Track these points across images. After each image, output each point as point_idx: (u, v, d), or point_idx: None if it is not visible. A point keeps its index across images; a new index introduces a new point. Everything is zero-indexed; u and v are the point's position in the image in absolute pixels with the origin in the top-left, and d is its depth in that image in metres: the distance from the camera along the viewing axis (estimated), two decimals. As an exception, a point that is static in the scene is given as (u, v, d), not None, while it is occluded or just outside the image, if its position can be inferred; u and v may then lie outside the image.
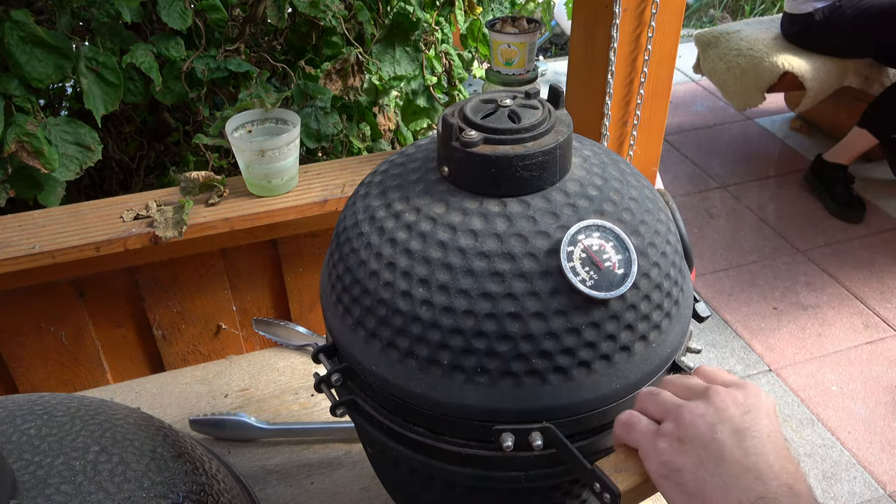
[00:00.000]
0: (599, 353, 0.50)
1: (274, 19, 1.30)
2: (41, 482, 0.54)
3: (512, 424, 0.49)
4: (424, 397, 0.51)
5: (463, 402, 0.50)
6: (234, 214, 1.06)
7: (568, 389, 0.49)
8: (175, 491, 0.60)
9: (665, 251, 0.54)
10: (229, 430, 0.93)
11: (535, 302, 0.48)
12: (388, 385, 0.52)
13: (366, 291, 0.53)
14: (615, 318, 0.50)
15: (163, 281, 1.12)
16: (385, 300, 0.51)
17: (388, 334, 0.52)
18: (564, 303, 0.49)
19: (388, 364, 0.52)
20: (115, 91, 1.14)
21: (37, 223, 1.04)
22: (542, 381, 0.49)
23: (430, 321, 0.49)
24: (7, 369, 1.11)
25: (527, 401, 0.49)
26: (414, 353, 0.51)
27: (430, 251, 0.51)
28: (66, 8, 1.13)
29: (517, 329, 0.48)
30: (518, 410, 0.49)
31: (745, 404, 0.45)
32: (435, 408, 0.51)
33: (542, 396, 0.49)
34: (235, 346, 1.24)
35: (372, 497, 0.85)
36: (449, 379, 0.50)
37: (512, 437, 0.49)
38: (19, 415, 0.61)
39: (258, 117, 1.10)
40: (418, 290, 0.50)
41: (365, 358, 0.53)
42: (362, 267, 0.54)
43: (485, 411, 0.50)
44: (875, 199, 2.84)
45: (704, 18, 4.65)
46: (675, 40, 1.07)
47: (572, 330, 0.49)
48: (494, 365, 0.49)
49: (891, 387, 2.08)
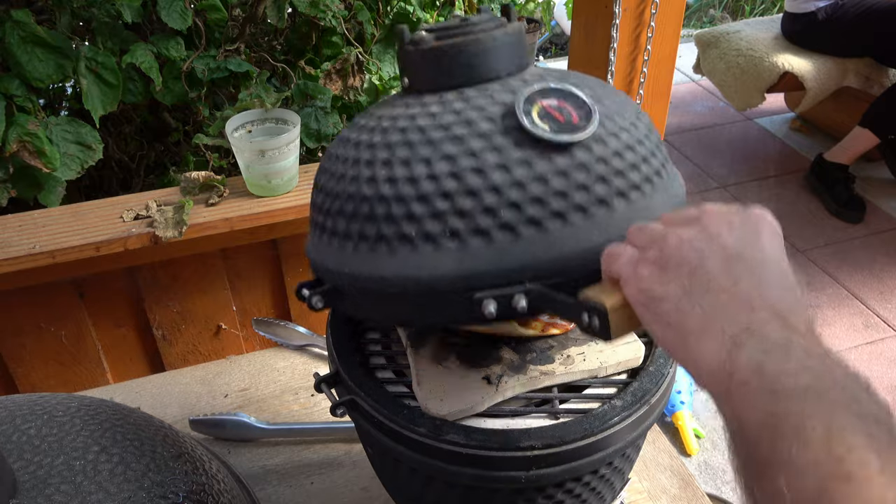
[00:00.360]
0: (573, 203, 0.47)
1: (274, 19, 1.30)
2: (41, 482, 0.54)
3: (492, 289, 0.47)
4: (398, 278, 0.49)
5: (437, 272, 0.48)
6: (234, 214, 1.06)
7: (544, 243, 0.47)
8: (175, 491, 0.60)
9: (635, 125, 0.53)
10: (229, 430, 0.93)
11: (496, 155, 0.48)
12: (363, 279, 0.51)
13: (336, 197, 0.53)
14: (584, 168, 0.48)
15: (163, 281, 1.12)
16: (352, 193, 0.51)
17: (357, 227, 0.51)
18: (527, 153, 0.48)
19: (360, 259, 0.51)
20: (114, 92, 1.14)
21: (37, 223, 1.04)
22: (515, 236, 0.47)
23: (395, 196, 0.49)
24: (7, 369, 1.11)
25: (503, 259, 0.47)
26: (383, 235, 0.50)
27: (391, 137, 0.51)
28: (67, 8, 1.13)
29: (480, 183, 0.47)
30: (496, 272, 0.47)
31: (741, 227, 0.40)
32: (409, 286, 0.49)
33: (518, 252, 0.47)
34: (235, 346, 1.24)
35: (372, 497, 0.85)
36: (419, 252, 0.48)
37: (494, 303, 0.47)
38: (19, 415, 0.61)
39: (258, 117, 1.10)
40: (381, 172, 0.50)
41: (340, 263, 0.53)
42: (332, 179, 0.54)
43: (460, 278, 0.47)
44: (875, 199, 2.84)
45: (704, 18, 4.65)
46: (675, 40, 1.07)
47: (539, 178, 0.47)
48: (462, 224, 0.47)
49: (891, 387, 2.08)
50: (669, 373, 0.60)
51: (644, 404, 0.57)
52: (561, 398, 0.59)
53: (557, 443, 0.53)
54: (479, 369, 0.59)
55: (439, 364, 0.60)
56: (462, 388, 0.57)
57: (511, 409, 0.59)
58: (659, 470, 0.91)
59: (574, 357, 0.61)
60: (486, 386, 0.58)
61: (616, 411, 0.55)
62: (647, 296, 0.40)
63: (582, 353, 0.61)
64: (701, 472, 1.83)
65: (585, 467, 0.55)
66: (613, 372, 0.61)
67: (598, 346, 0.62)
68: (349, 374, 0.59)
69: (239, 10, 1.34)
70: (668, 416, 1.91)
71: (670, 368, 0.60)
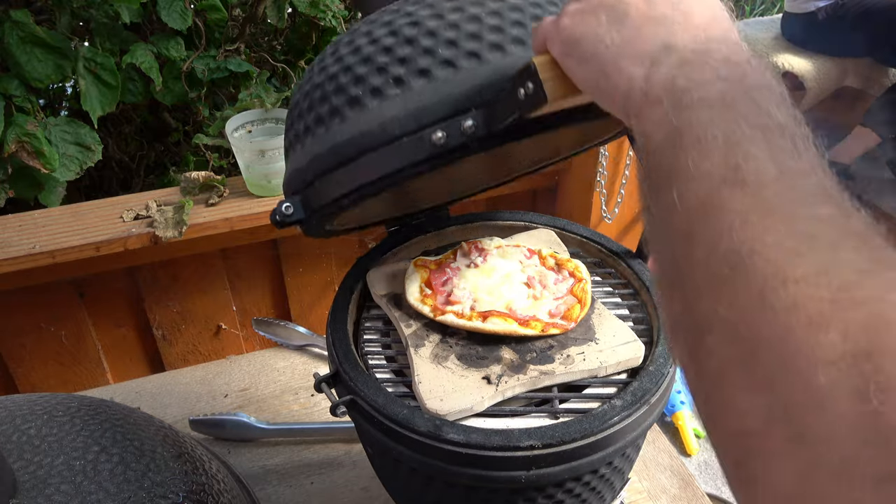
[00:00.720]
0: (510, 35, 0.50)
1: (274, 19, 1.30)
2: (41, 482, 0.54)
3: (440, 122, 0.49)
4: (354, 138, 0.52)
5: (386, 117, 0.51)
6: (234, 214, 1.06)
7: (485, 71, 0.50)
8: (175, 491, 0.60)
9: None
10: (229, 430, 0.93)
11: (429, 9, 0.52)
12: (323, 157, 0.54)
13: (305, 96, 0.56)
14: (517, 9, 0.51)
15: (163, 281, 1.12)
16: (307, 91, 0.56)
17: (313, 116, 0.55)
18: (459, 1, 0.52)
19: (319, 142, 0.54)
20: (113, 92, 1.14)
21: (37, 223, 1.04)
22: (455, 70, 0.50)
23: (342, 68, 0.53)
24: (7, 369, 1.11)
25: (447, 91, 0.49)
26: (334, 107, 0.53)
27: (337, 44, 0.56)
28: (66, 8, 1.13)
29: (416, 31, 0.51)
30: (441, 103, 0.49)
31: None
32: (365, 142, 0.51)
33: (459, 82, 0.50)
34: (235, 346, 1.24)
35: (372, 497, 0.85)
36: (368, 108, 0.51)
37: (442, 131, 0.49)
38: (19, 415, 0.61)
39: (258, 117, 1.10)
40: (329, 60, 0.55)
41: (302, 158, 0.55)
42: (294, 107, 0.58)
43: (409, 117, 0.50)
44: (875, 199, 2.84)
45: (704, 18, 4.65)
46: (674, 40, 1.07)
47: (473, 18, 0.51)
48: (404, 69, 0.51)
49: (891, 387, 2.08)
50: (669, 373, 0.60)
51: (644, 404, 0.57)
52: (561, 398, 0.59)
53: (557, 443, 0.53)
54: (479, 369, 0.59)
55: (439, 364, 0.60)
56: (462, 388, 0.57)
57: (511, 409, 0.58)
58: (659, 470, 0.91)
59: (574, 357, 0.61)
60: (486, 386, 0.58)
61: (616, 411, 0.55)
62: (569, 43, 0.39)
63: (582, 353, 0.61)
64: (701, 472, 1.83)
65: (585, 467, 0.55)
66: (613, 372, 0.61)
67: (598, 346, 0.62)
68: (349, 374, 0.59)
69: (239, 10, 1.34)
70: (668, 416, 1.91)
71: (670, 368, 0.60)
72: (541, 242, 0.75)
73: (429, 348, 0.62)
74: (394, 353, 0.65)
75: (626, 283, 0.72)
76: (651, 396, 0.57)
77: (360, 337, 0.67)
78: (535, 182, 1.28)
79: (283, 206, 0.57)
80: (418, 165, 0.51)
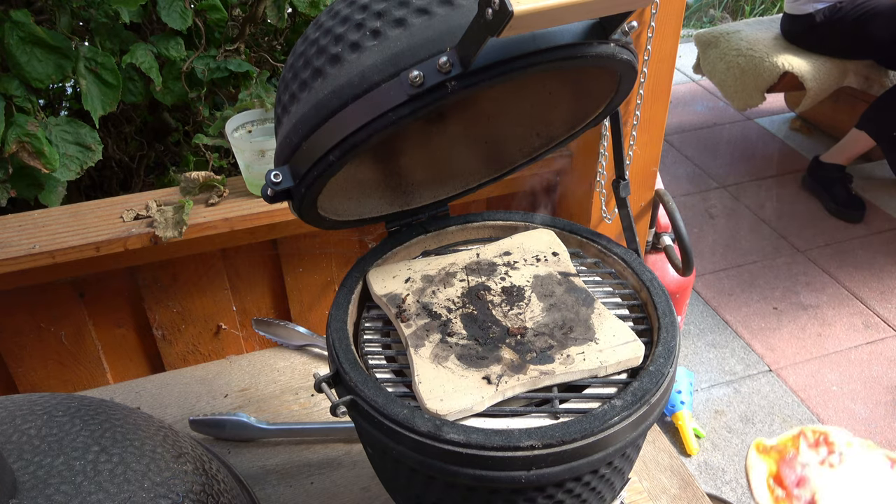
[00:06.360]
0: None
1: (274, 19, 1.30)
2: (41, 482, 0.54)
3: (417, 64, 0.51)
4: (335, 91, 0.53)
5: (365, 66, 0.53)
6: (234, 214, 1.06)
7: (458, 15, 0.52)
8: (175, 491, 0.60)
9: None
10: (229, 430, 0.93)
11: None
12: (309, 117, 0.55)
13: (290, 67, 0.59)
14: None
15: (163, 281, 1.12)
16: (292, 63, 0.59)
17: (296, 83, 0.57)
18: None
19: (304, 105, 0.56)
20: (114, 92, 1.14)
21: (37, 223, 1.04)
22: (429, 17, 0.52)
23: (323, 31, 0.56)
24: (7, 369, 1.11)
25: (423, 35, 0.52)
26: (316, 68, 0.55)
27: (334, 4, 0.59)
28: (66, 8, 1.13)
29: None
30: (417, 46, 0.52)
31: None
32: (346, 92, 0.53)
33: (435, 26, 0.52)
34: (235, 346, 1.24)
35: (372, 497, 0.85)
36: (347, 62, 0.54)
37: (419, 71, 0.50)
38: (19, 415, 0.61)
39: (258, 117, 1.10)
40: (311, 29, 0.58)
41: (294, 125, 0.56)
42: (288, 68, 0.60)
43: (387, 62, 0.52)
44: (875, 199, 2.84)
45: (704, 18, 4.65)
46: (675, 40, 1.07)
47: None
48: (380, 22, 0.53)
49: (891, 387, 2.08)
50: (669, 373, 0.60)
51: (644, 404, 0.57)
52: (561, 398, 0.59)
53: (557, 443, 0.53)
54: (479, 369, 0.59)
55: (439, 364, 0.60)
56: (462, 388, 0.57)
57: (511, 409, 0.58)
58: (659, 470, 0.91)
59: (574, 357, 0.61)
60: (486, 386, 0.58)
61: (616, 411, 0.55)
62: None
63: (582, 352, 0.61)
64: (701, 472, 1.83)
65: (585, 467, 0.55)
66: (613, 372, 0.61)
67: (598, 345, 0.62)
68: (349, 374, 0.59)
69: (239, 10, 1.34)
70: (668, 416, 1.91)
71: (670, 368, 0.60)
72: (541, 243, 0.75)
73: (429, 348, 0.62)
74: (394, 353, 0.65)
75: (625, 283, 0.72)
76: (651, 396, 0.57)
77: (360, 337, 0.67)
78: (535, 182, 1.28)
79: (272, 174, 0.58)
80: (399, 109, 0.52)
